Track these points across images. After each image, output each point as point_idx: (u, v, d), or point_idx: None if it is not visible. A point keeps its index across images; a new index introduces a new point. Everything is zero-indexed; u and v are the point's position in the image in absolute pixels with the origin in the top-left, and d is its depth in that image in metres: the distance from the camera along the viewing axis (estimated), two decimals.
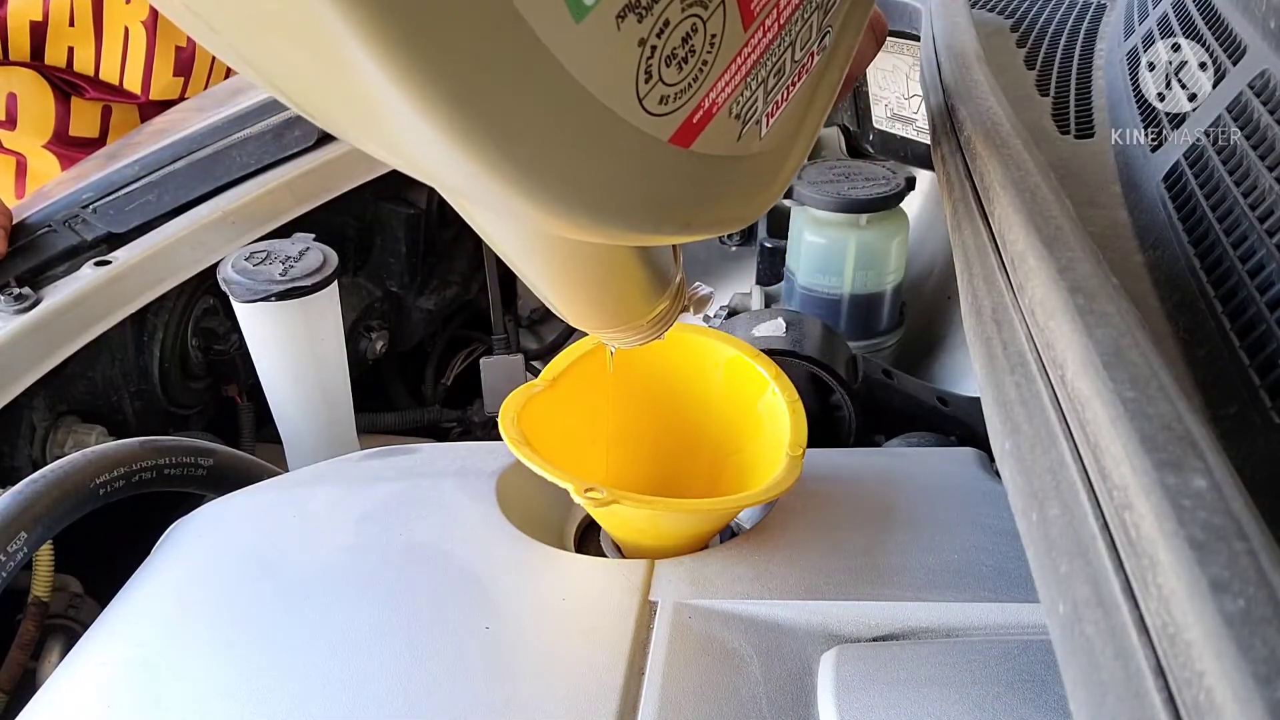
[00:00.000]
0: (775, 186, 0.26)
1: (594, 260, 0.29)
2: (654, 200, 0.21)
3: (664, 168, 0.21)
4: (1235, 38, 0.44)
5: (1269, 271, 0.31)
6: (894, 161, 0.81)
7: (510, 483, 0.43)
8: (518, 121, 0.17)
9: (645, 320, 0.34)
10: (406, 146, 0.17)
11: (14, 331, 0.54)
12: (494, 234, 0.27)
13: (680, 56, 0.20)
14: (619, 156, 0.20)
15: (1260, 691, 0.14)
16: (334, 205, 0.74)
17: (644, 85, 0.19)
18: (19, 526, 0.41)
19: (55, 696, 0.34)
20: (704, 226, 0.23)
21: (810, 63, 0.27)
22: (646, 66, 0.19)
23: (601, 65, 0.18)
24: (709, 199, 0.23)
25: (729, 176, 0.24)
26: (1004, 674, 0.30)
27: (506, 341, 0.89)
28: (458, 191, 0.20)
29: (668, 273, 0.34)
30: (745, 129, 0.24)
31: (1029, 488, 0.22)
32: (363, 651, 0.33)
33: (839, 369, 0.56)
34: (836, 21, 0.28)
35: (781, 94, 0.26)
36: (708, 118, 0.22)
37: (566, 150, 0.18)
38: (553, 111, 0.18)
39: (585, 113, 0.18)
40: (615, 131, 0.19)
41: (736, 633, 0.34)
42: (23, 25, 0.88)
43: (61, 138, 0.94)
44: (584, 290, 0.32)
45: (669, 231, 0.22)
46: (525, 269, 0.30)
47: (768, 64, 0.24)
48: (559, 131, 0.18)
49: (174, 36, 0.95)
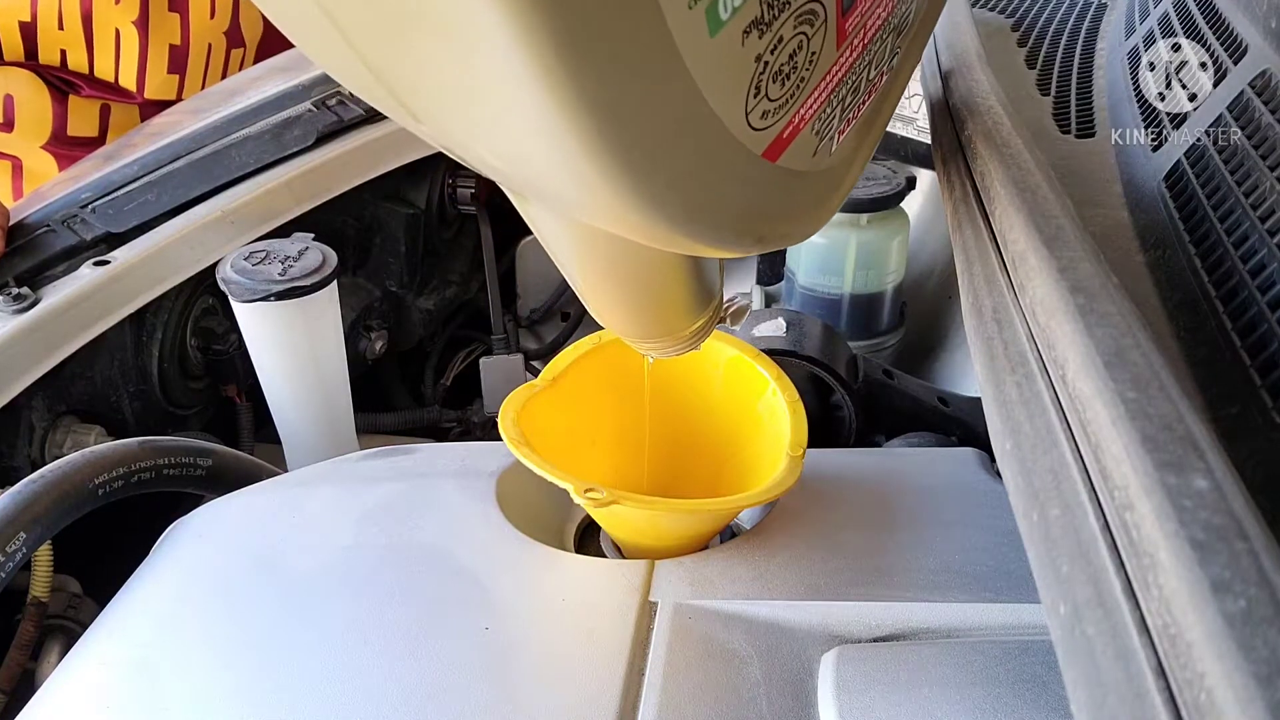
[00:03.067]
0: (834, 201, 0.27)
1: (650, 271, 0.29)
2: (741, 213, 0.21)
3: (754, 182, 0.21)
4: (1236, 37, 0.44)
5: (1270, 271, 0.31)
6: (894, 161, 0.81)
7: (510, 483, 0.42)
8: (645, 130, 0.17)
9: (687, 332, 0.34)
10: (522, 146, 0.17)
11: (12, 331, 0.54)
12: (549, 235, 0.27)
13: (785, 73, 0.21)
14: (722, 170, 0.20)
15: (1261, 692, 0.14)
16: (333, 205, 0.74)
17: (753, 100, 0.20)
18: (18, 527, 0.41)
19: (54, 697, 0.34)
20: (775, 239, 0.24)
21: (880, 82, 0.27)
22: (758, 82, 0.20)
23: (723, 78, 0.18)
24: (783, 212, 0.23)
25: (801, 191, 0.24)
26: (1005, 674, 0.30)
27: (506, 341, 0.89)
28: (554, 194, 0.19)
29: (714, 287, 0.34)
30: (820, 145, 0.24)
31: (1030, 488, 0.22)
32: (362, 652, 0.33)
33: (839, 369, 0.56)
34: (905, 44, 0.28)
35: (854, 111, 0.26)
36: (795, 133, 0.22)
37: (681, 161, 0.18)
38: (678, 124, 0.18)
39: (704, 126, 0.18)
40: (724, 145, 0.19)
41: (737, 633, 0.33)
42: (12, 25, 0.88)
43: (60, 138, 0.94)
44: (633, 300, 0.32)
45: (746, 244, 0.22)
46: (576, 276, 0.30)
47: (849, 82, 0.25)
48: (679, 143, 0.18)
49: (166, 34, 0.94)
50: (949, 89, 0.42)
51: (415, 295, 0.86)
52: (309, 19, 0.16)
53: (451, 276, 0.91)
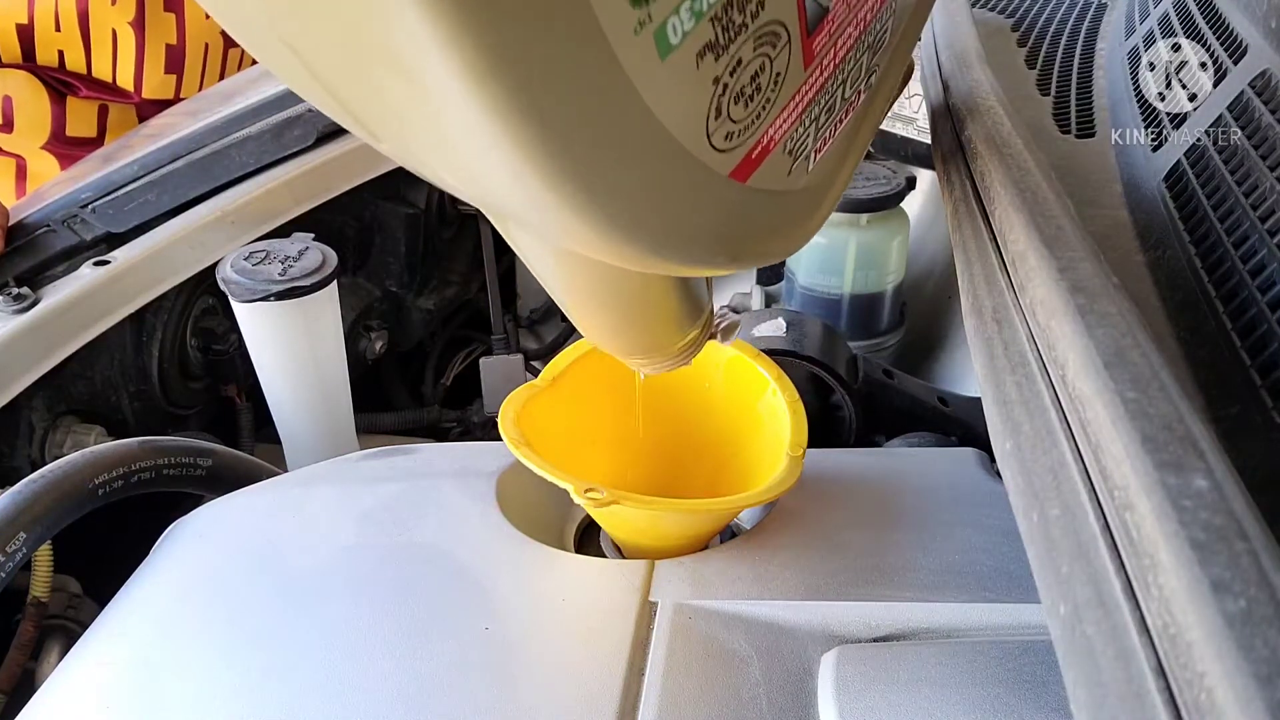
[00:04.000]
0: (815, 220, 0.27)
1: (634, 290, 0.29)
2: (711, 233, 0.21)
3: (723, 202, 0.21)
4: (1236, 37, 0.44)
5: (1270, 271, 0.31)
6: (894, 161, 0.81)
7: (510, 483, 0.42)
8: (596, 153, 0.17)
9: (675, 348, 0.34)
10: (477, 169, 0.17)
11: (13, 331, 0.54)
12: (533, 257, 0.28)
13: (748, 94, 0.21)
14: (685, 190, 0.20)
15: (1261, 692, 0.14)
16: (333, 205, 0.74)
17: (714, 122, 0.20)
18: (18, 527, 0.41)
19: (54, 697, 0.34)
20: (751, 258, 0.24)
21: (857, 100, 0.27)
22: (718, 104, 0.20)
23: (679, 102, 0.18)
24: (758, 232, 0.23)
25: (777, 210, 0.24)
26: (1005, 674, 0.30)
27: (506, 341, 0.89)
28: (519, 217, 0.20)
29: (702, 303, 0.34)
30: (795, 164, 0.24)
31: (1030, 488, 0.22)
32: (362, 651, 0.33)
33: (839, 369, 0.56)
34: (883, 61, 0.28)
35: (829, 130, 0.26)
36: (765, 153, 0.22)
37: (639, 182, 0.19)
38: (631, 146, 0.18)
39: (660, 148, 0.19)
40: (684, 166, 0.20)
41: (737, 633, 0.33)
42: (9, 27, 0.88)
43: (59, 138, 0.94)
44: (618, 318, 0.32)
45: (720, 264, 0.22)
46: (561, 295, 0.30)
47: (821, 102, 0.25)
48: (634, 165, 0.18)
49: (163, 34, 0.94)
50: (949, 89, 0.42)
51: (415, 295, 0.86)
52: (274, 49, 0.17)
53: (451, 276, 0.91)
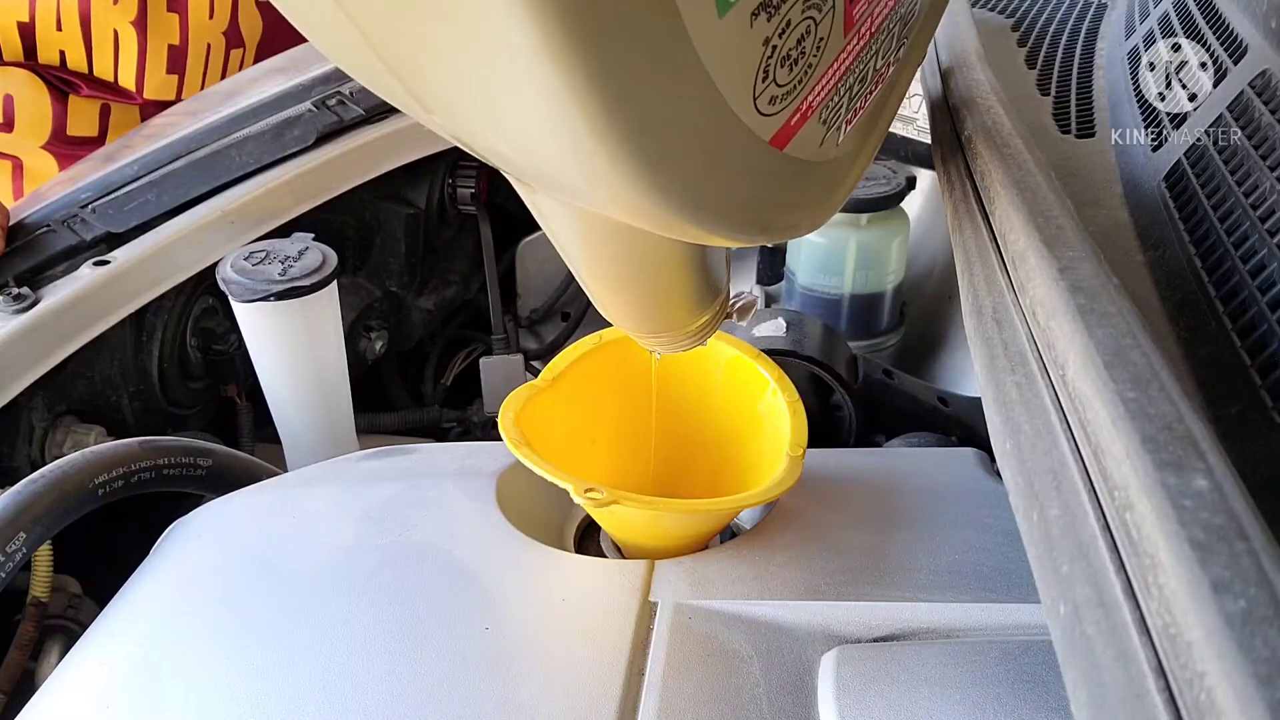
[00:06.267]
0: (840, 193, 0.26)
1: (657, 265, 0.29)
2: (747, 200, 0.21)
3: (762, 168, 0.21)
4: (1236, 37, 0.44)
5: (1270, 271, 0.31)
6: (894, 161, 0.81)
7: (510, 483, 0.42)
8: (651, 109, 0.17)
9: (694, 326, 0.34)
10: (528, 125, 0.17)
11: (13, 331, 0.54)
12: (555, 226, 0.27)
13: (793, 58, 0.20)
14: (729, 153, 0.20)
15: (1261, 692, 0.14)
16: (333, 205, 0.74)
17: (760, 84, 0.20)
18: (18, 527, 0.41)
19: (54, 697, 0.34)
20: (779, 230, 0.23)
21: (887, 72, 0.27)
22: (766, 65, 0.19)
23: (731, 61, 0.18)
24: (789, 202, 0.23)
25: (807, 181, 0.24)
26: (1005, 674, 0.30)
27: (506, 341, 0.89)
28: (561, 180, 0.19)
29: (721, 281, 0.34)
30: (828, 134, 0.24)
31: (1030, 488, 0.22)
32: (362, 652, 0.33)
33: (839, 369, 0.56)
34: (912, 34, 0.28)
35: (861, 101, 0.26)
36: (803, 121, 0.22)
37: (687, 140, 0.18)
38: (684, 104, 0.18)
39: (710, 108, 0.18)
40: (731, 128, 0.19)
41: (737, 633, 0.33)
42: (11, 26, 0.88)
43: (60, 137, 0.94)
44: (639, 293, 0.32)
45: (750, 233, 0.22)
46: (582, 268, 0.29)
47: (856, 70, 0.24)
48: (685, 122, 0.18)
49: (165, 34, 0.94)
50: (949, 88, 0.42)
51: (415, 295, 0.86)
52: (321, 11, 0.16)
53: (451, 276, 0.91)
